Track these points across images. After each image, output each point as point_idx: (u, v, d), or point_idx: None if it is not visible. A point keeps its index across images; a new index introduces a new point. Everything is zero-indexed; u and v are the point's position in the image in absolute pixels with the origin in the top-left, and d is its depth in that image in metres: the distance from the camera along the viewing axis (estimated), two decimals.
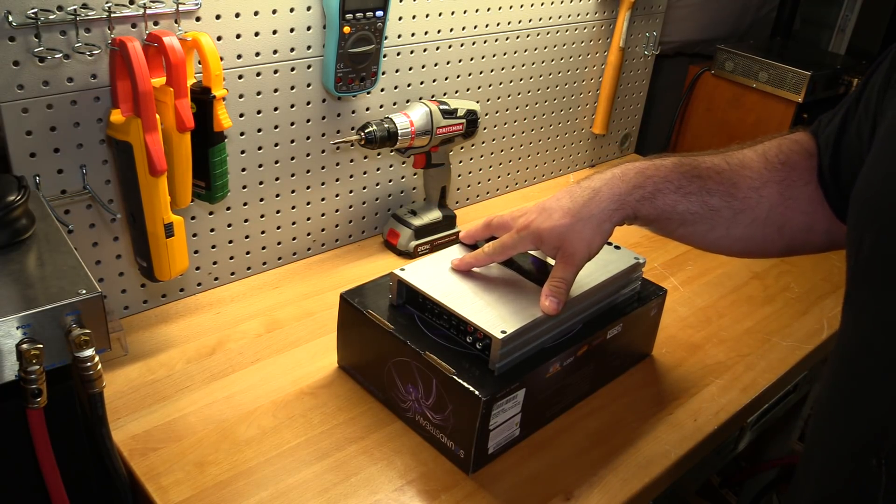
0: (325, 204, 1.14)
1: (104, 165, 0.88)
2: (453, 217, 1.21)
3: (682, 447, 0.84)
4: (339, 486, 0.76)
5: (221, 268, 1.05)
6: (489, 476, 0.78)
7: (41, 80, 0.80)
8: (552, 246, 0.76)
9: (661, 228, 0.76)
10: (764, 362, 1.00)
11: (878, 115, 0.63)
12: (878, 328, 0.55)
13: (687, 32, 1.69)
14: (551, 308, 0.76)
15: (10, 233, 0.67)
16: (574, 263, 0.75)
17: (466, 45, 1.20)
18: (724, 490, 1.54)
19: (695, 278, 1.17)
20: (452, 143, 1.14)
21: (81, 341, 0.62)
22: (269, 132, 1.02)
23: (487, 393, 0.73)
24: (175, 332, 0.96)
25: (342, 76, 1.02)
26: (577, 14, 1.35)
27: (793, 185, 0.73)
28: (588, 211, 0.73)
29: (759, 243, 0.75)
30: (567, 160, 1.51)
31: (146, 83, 0.76)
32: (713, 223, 0.74)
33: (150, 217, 0.82)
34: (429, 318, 0.83)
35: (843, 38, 1.78)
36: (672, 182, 0.73)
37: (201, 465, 0.77)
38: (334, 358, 0.92)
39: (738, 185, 0.73)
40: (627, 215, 0.74)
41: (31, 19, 0.76)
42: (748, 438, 1.05)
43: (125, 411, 0.82)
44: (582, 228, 0.74)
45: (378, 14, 1.00)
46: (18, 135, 0.80)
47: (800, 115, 1.51)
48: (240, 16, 0.92)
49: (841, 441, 0.58)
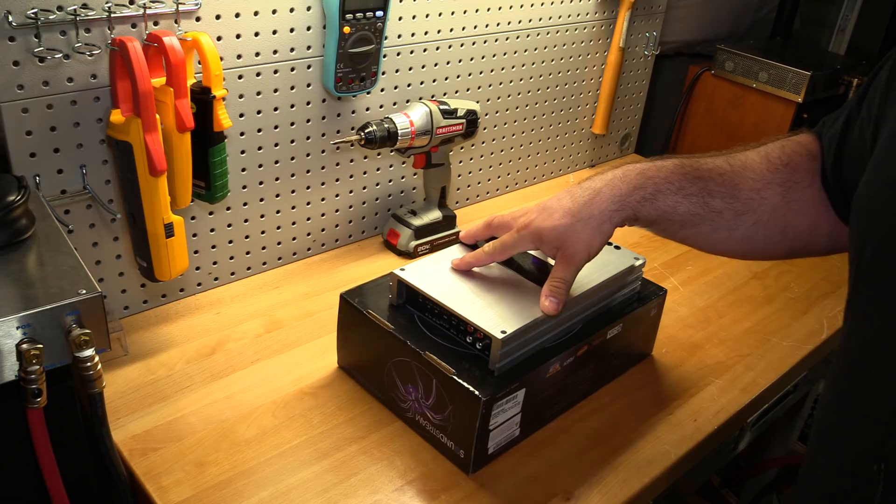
0: (325, 204, 1.14)
1: (104, 165, 0.88)
2: (453, 217, 1.21)
3: (682, 447, 0.84)
4: (339, 486, 0.76)
5: (221, 268, 1.05)
6: (489, 476, 0.78)
7: (41, 80, 0.80)
8: (552, 246, 0.76)
9: (662, 230, 0.76)
10: (764, 362, 1.00)
11: (881, 117, 0.63)
12: (879, 334, 0.54)
13: (687, 32, 1.69)
14: (551, 308, 0.76)
15: (10, 233, 0.67)
16: (574, 263, 0.75)
17: (466, 45, 1.20)
18: (724, 490, 1.54)
19: (695, 278, 1.17)
20: (452, 143, 1.14)
21: (81, 341, 0.62)
22: (269, 132, 1.02)
23: (487, 393, 0.73)
24: (175, 332, 0.96)
25: (342, 76, 1.02)
26: (577, 14, 1.35)
27: (795, 187, 0.73)
28: (588, 211, 0.73)
29: (762, 245, 0.75)
30: (567, 160, 1.51)
31: (146, 83, 0.76)
32: (715, 225, 0.73)
33: (150, 217, 0.82)
34: (429, 318, 0.83)
35: (843, 38, 1.78)
36: (673, 183, 0.73)
37: (201, 465, 0.77)
38: (334, 358, 0.92)
39: (740, 186, 0.73)
40: (628, 216, 0.74)
41: (31, 19, 0.76)
42: (748, 438, 1.05)
43: (125, 411, 0.82)
44: (582, 229, 0.73)
45: (378, 14, 1.00)
46: (18, 135, 0.80)
47: (800, 115, 1.51)
48: (240, 16, 0.92)
49: (842, 445, 0.58)
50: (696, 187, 0.73)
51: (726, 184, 0.73)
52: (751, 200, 0.73)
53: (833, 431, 0.59)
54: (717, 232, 0.74)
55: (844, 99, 1.57)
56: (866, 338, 0.56)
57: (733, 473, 1.51)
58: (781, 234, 0.74)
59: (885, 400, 0.53)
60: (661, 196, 0.72)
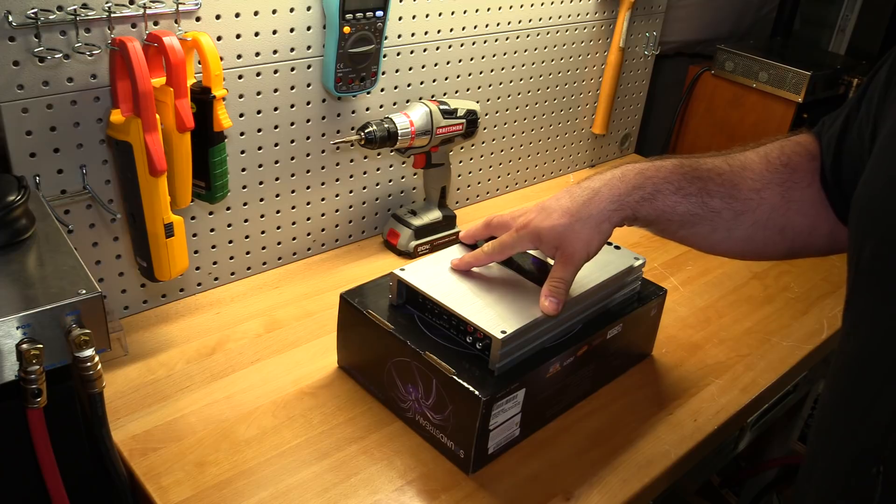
0: (325, 204, 1.14)
1: (104, 165, 0.88)
2: (453, 217, 1.21)
3: (682, 447, 0.84)
4: (339, 486, 0.76)
5: (221, 268, 1.05)
6: (489, 476, 0.78)
7: (41, 80, 0.80)
8: (551, 245, 0.76)
9: (661, 230, 0.76)
10: (764, 362, 1.00)
11: (879, 117, 0.63)
12: (878, 335, 0.54)
13: (687, 32, 1.69)
14: (551, 308, 0.76)
15: (10, 233, 0.67)
16: (573, 263, 0.75)
17: (466, 45, 1.20)
18: (724, 490, 1.54)
19: (695, 278, 1.17)
20: (452, 143, 1.14)
21: (81, 341, 0.62)
22: (269, 132, 1.02)
23: (487, 393, 0.73)
24: (175, 332, 0.96)
25: (342, 76, 1.02)
26: (577, 14, 1.35)
27: (794, 187, 0.73)
28: (587, 211, 0.73)
29: (761, 245, 0.75)
30: (567, 160, 1.51)
31: (146, 83, 0.76)
32: (714, 225, 0.73)
33: (150, 217, 0.82)
34: (429, 318, 0.83)
35: (843, 38, 1.78)
36: (672, 183, 0.73)
37: (201, 465, 0.77)
38: (334, 358, 0.92)
39: (739, 186, 0.73)
40: (627, 216, 0.74)
41: (31, 19, 0.76)
42: (748, 438, 1.05)
43: (125, 411, 0.82)
44: (580, 228, 0.73)
45: (378, 14, 1.00)
46: (18, 135, 0.80)
47: (800, 115, 1.51)
48: (240, 16, 0.92)
49: (841, 446, 0.57)
50: (695, 187, 0.73)
51: (725, 184, 0.73)
52: (750, 200, 0.73)
53: (832, 433, 0.59)
54: (717, 232, 0.74)
55: (844, 99, 1.57)
56: (865, 338, 0.56)
57: (733, 473, 1.51)
58: (781, 234, 0.74)
59: (884, 401, 0.53)
60: (660, 196, 0.72)
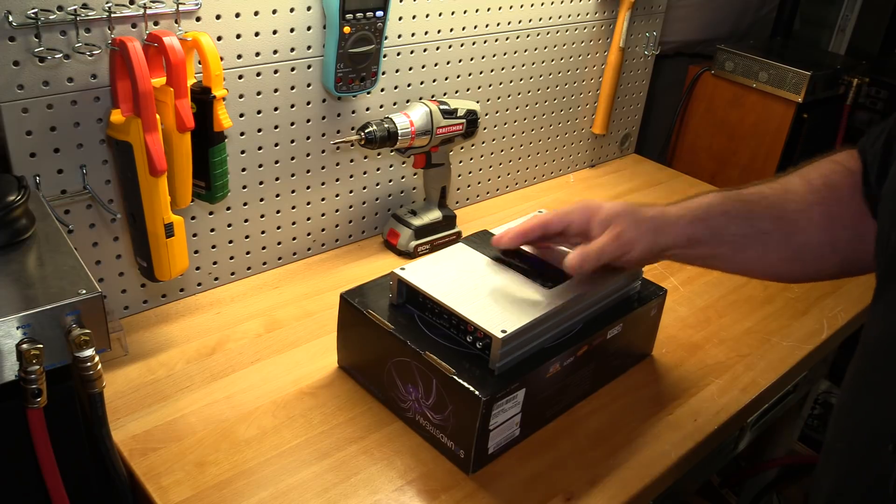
0: (325, 204, 1.14)
1: (104, 165, 0.88)
2: (453, 217, 1.21)
3: (682, 447, 0.84)
4: (339, 486, 0.76)
5: (221, 268, 1.05)
6: (489, 476, 0.78)
7: (41, 80, 0.80)
8: (616, 223, 0.76)
9: (711, 257, 0.76)
10: (764, 362, 1.00)
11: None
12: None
13: (687, 32, 1.69)
14: (572, 265, 0.76)
15: (10, 233, 0.67)
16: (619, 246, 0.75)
17: (466, 45, 1.20)
18: (724, 490, 1.54)
19: (695, 278, 1.17)
20: (452, 143, 1.14)
21: (81, 341, 0.62)
22: (270, 132, 1.02)
23: (487, 393, 0.73)
24: (175, 332, 0.96)
25: (342, 76, 1.02)
26: (577, 14, 1.35)
27: (836, 203, 0.73)
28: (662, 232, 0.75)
29: (813, 264, 0.75)
30: (567, 160, 1.51)
31: (146, 83, 0.76)
32: (766, 247, 0.74)
33: (150, 217, 0.82)
34: (429, 318, 0.83)
35: (843, 38, 1.78)
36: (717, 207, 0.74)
37: (201, 465, 0.77)
38: (334, 358, 0.92)
39: (785, 207, 0.74)
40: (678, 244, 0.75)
41: (31, 19, 0.76)
42: (748, 438, 1.05)
43: (125, 411, 0.82)
44: (645, 235, 0.74)
45: (378, 14, 1.00)
46: (18, 135, 0.80)
47: (800, 115, 1.52)
48: (240, 16, 0.92)
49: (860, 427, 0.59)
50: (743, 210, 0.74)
51: (771, 207, 0.74)
52: (797, 221, 0.74)
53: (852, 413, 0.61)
54: (769, 254, 0.74)
55: (844, 99, 1.58)
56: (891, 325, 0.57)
57: (733, 473, 1.51)
58: (831, 248, 0.74)
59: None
60: (712, 220, 0.74)
